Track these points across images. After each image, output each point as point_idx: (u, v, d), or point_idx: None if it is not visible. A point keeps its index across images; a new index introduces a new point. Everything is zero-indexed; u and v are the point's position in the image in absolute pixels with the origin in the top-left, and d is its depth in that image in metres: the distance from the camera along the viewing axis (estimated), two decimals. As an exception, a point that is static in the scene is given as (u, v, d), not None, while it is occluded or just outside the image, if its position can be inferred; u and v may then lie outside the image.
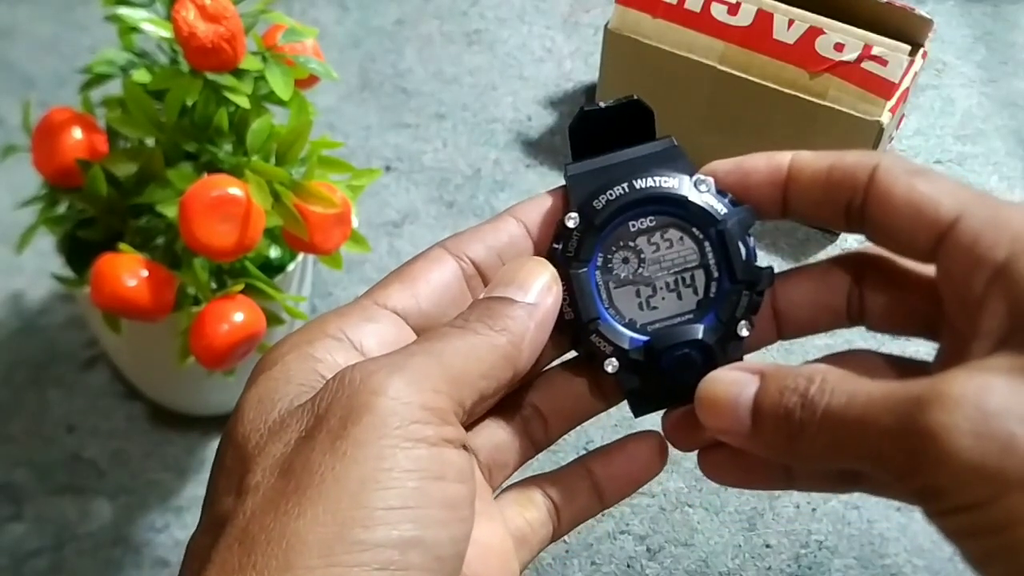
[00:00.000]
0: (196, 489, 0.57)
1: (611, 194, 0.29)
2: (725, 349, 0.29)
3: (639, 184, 0.29)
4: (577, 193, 0.29)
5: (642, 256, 0.29)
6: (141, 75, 0.47)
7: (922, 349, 0.29)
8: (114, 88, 0.49)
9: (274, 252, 0.54)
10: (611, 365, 0.29)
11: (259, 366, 0.26)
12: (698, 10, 0.68)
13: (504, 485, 0.31)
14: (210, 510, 0.24)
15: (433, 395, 0.24)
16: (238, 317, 0.46)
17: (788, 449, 0.25)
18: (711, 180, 0.29)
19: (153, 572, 0.54)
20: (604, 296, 0.29)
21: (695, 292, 0.30)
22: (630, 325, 0.29)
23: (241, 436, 0.24)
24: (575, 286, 0.29)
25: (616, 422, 0.53)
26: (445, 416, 0.24)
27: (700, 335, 0.29)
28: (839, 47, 0.64)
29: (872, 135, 0.65)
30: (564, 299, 0.29)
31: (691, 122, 0.71)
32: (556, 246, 0.29)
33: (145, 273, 0.45)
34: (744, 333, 0.29)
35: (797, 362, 0.28)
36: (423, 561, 0.22)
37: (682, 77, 0.69)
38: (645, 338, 0.29)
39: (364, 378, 0.24)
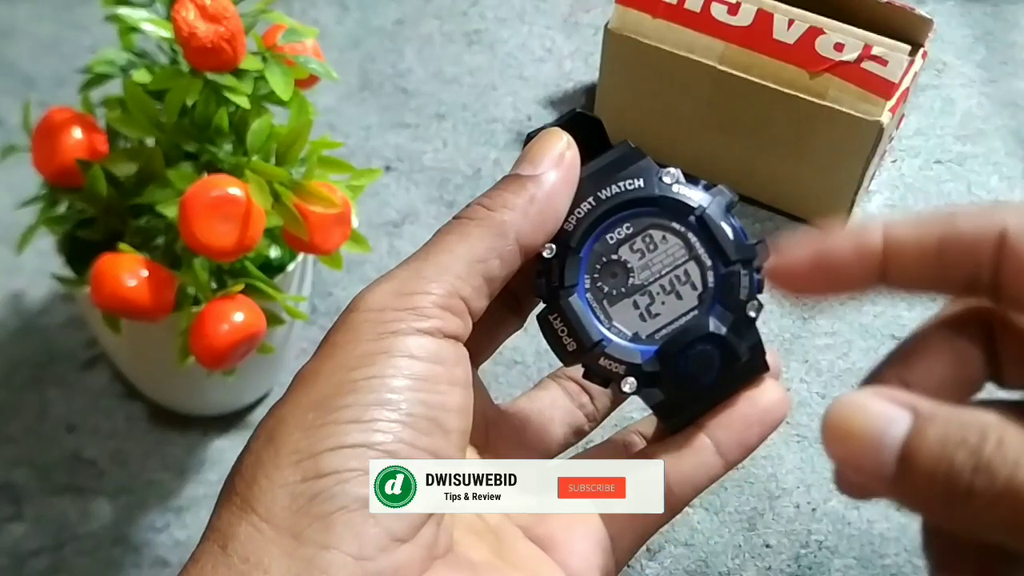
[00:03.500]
0: (196, 489, 0.57)
1: (579, 212, 0.28)
2: (740, 335, 0.28)
3: (604, 194, 0.28)
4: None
5: (629, 266, 0.29)
6: (141, 75, 0.47)
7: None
8: (114, 88, 0.49)
9: (274, 252, 0.54)
10: (628, 384, 0.28)
11: None
12: (698, 10, 0.68)
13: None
14: None
15: (409, 297, 0.25)
16: (238, 317, 0.46)
17: (945, 513, 0.21)
18: (677, 171, 0.29)
19: (153, 572, 0.54)
20: (602, 317, 0.28)
21: (693, 287, 0.28)
22: (636, 339, 0.28)
23: None
24: (569, 315, 0.28)
25: (616, 422, 0.53)
26: (423, 311, 0.25)
27: (710, 327, 0.28)
28: (839, 47, 0.64)
29: (872, 135, 0.65)
30: (562, 332, 0.28)
31: (691, 122, 0.71)
32: (540, 280, 0.28)
33: (145, 273, 0.45)
34: (753, 314, 0.28)
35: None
36: (392, 415, 0.24)
37: (682, 77, 0.69)
38: (654, 347, 0.28)
39: (350, 301, 0.26)
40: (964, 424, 0.21)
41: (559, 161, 0.28)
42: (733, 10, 0.67)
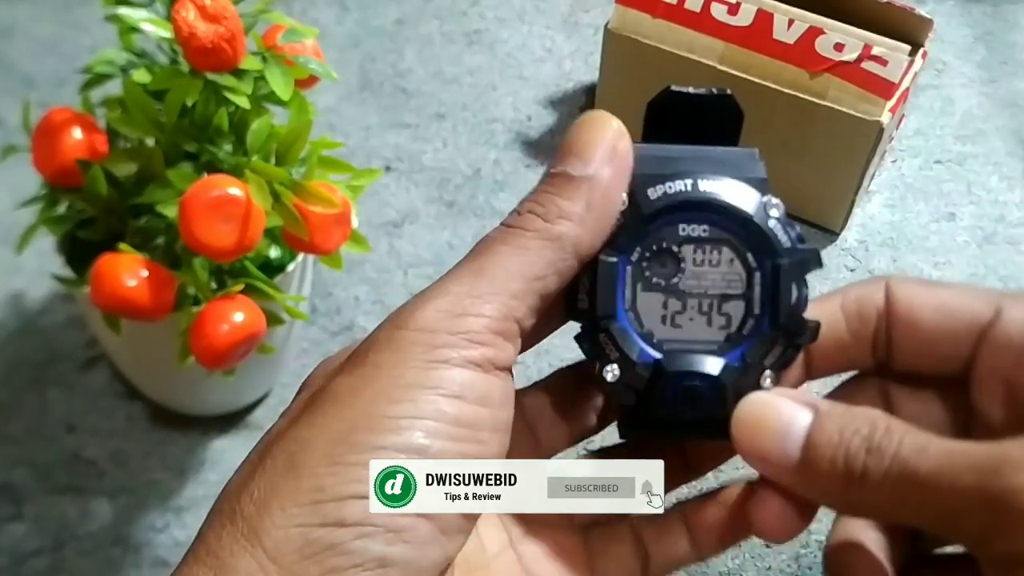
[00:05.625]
0: (196, 489, 0.57)
1: (670, 187, 0.26)
2: (739, 396, 0.26)
3: (704, 186, 0.26)
4: (636, 176, 0.26)
5: (683, 265, 0.26)
6: (141, 75, 0.47)
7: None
8: (114, 88, 0.49)
9: (274, 252, 0.54)
10: (611, 373, 0.26)
11: None
12: (698, 10, 0.68)
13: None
14: None
15: (462, 319, 0.24)
16: (238, 317, 0.46)
17: (842, 495, 0.23)
18: (782, 204, 0.26)
19: (153, 572, 0.54)
20: (628, 295, 0.26)
21: (727, 323, 0.27)
22: (646, 336, 0.26)
23: (305, 383, 0.26)
24: (599, 275, 0.26)
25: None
26: (477, 337, 0.24)
27: (717, 372, 0.26)
28: (839, 47, 0.64)
29: (872, 135, 0.65)
30: (582, 285, 0.26)
31: (691, 122, 0.71)
32: None
33: (145, 273, 0.45)
34: (767, 385, 0.26)
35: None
36: None
37: (682, 77, 0.68)
38: (657, 355, 0.26)
39: (396, 313, 0.25)
40: (856, 417, 0.23)
41: (612, 156, 0.26)
42: (733, 10, 0.67)
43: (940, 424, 0.27)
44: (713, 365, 0.26)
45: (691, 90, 0.27)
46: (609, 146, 0.26)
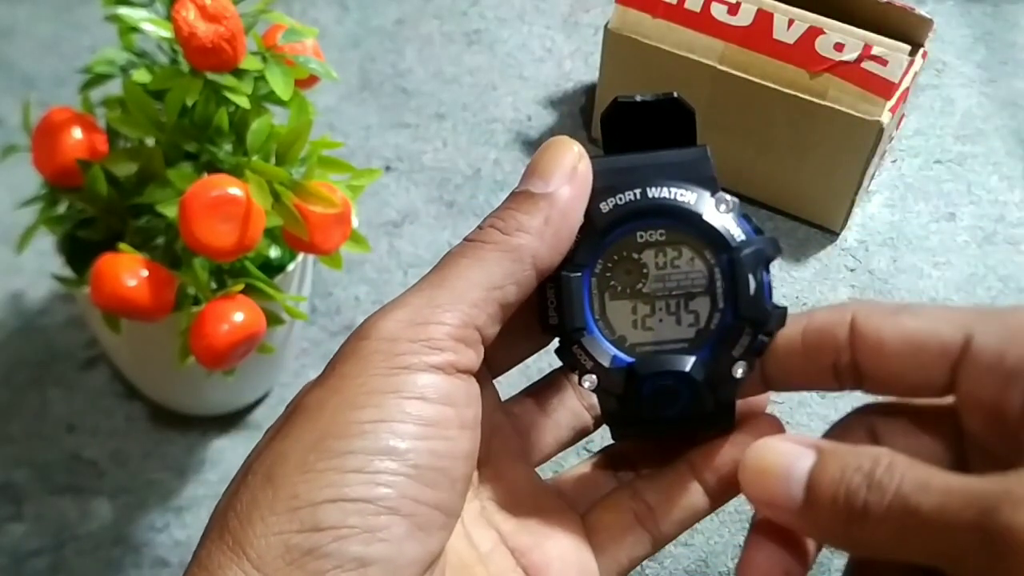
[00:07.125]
0: (196, 489, 0.57)
1: (620, 199, 0.27)
2: (715, 388, 0.27)
3: (653, 193, 0.27)
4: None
5: (645, 271, 0.27)
6: (141, 75, 0.47)
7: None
8: (114, 88, 0.49)
9: (274, 252, 0.54)
10: (589, 382, 0.27)
11: None
12: (698, 10, 0.68)
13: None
14: None
15: (423, 327, 0.25)
16: (238, 317, 0.46)
17: (844, 534, 0.23)
18: (735, 200, 0.27)
19: (153, 572, 0.54)
20: (596, 306, 0.27)
21: (696, 320, 0.27)
22: (618, 342, 0.28)
23: (290, 402, 0.27)
24: (563, 291, 0.27)
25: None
26: (437, 343, 0.25)
27: (688, 368, 0.27)
28: (839, 47, 0.64)
29: (872, 135, 0.65)
30: (551, 303, 0.27)
31: (691, 122, 0.71)
32: None
33: (145, 273, 0.45)
34: (739, 375, 0.27)
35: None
36: (398, 467, 0.24)
37: (682, 77, 0.69)
38: (630, 359, 0.27)
39: (360, 326, 0.25)
40: (859, 454, 0.23)
41: (571, 176, 0.27)
42: (733, 10, 0.67)
43: (936, 455, 0.26)
44: (683, 362, 0.27)
45: (638, 98, 0.28)
46: (569, 167, 0.27)
